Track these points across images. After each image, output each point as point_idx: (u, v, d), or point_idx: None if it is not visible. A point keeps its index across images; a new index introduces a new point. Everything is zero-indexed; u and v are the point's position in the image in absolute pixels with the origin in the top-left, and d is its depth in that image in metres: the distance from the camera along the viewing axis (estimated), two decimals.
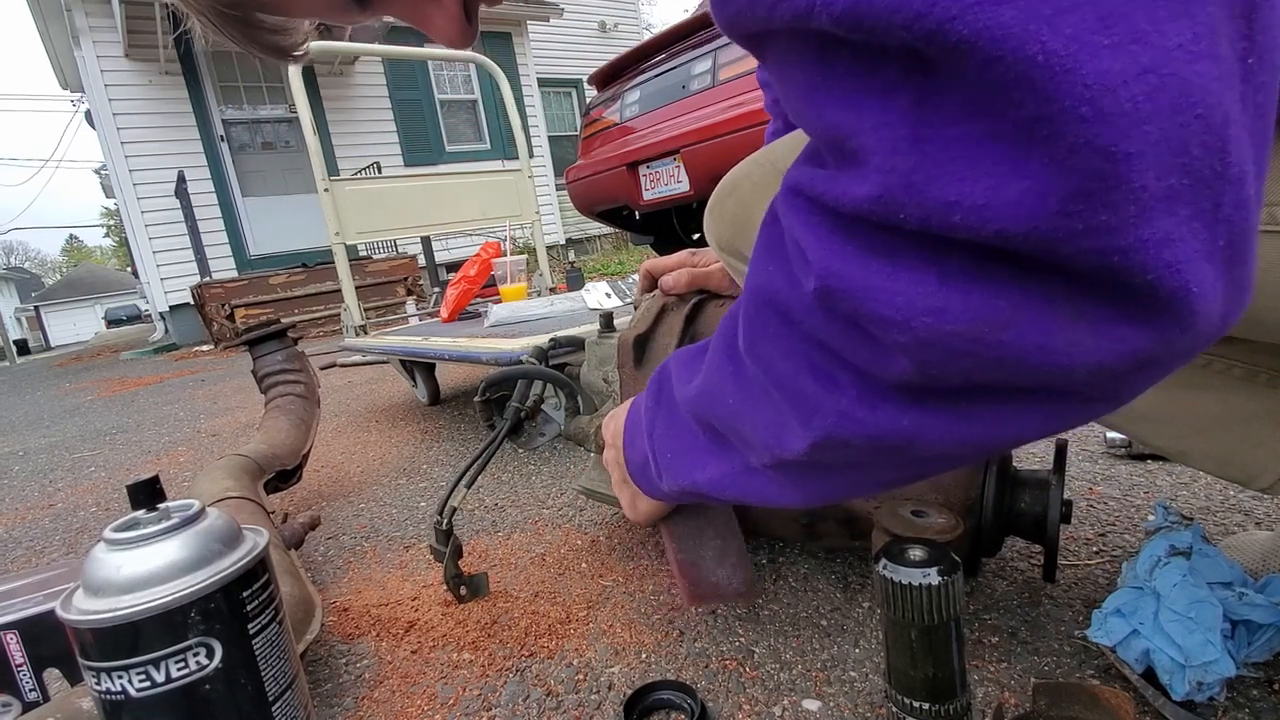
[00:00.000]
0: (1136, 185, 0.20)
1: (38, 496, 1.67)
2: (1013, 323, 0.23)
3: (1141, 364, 0.23)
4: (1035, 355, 0.23)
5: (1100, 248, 0.21)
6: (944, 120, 0.21)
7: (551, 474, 1.23)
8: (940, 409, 0.27)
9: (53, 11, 6.09)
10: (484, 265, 2.00)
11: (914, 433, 0.28)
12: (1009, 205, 0.21)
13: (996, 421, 0.27)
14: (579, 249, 8.90)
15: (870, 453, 0.31)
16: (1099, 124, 0.19)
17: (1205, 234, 0.21)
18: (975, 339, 0.24)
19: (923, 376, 0.26)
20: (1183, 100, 0.19)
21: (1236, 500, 0.81)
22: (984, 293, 0.23)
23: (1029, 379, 0.25)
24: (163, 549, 0.43)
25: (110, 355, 7.18)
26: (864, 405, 0.29)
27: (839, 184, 0.24)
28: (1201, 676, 0.46)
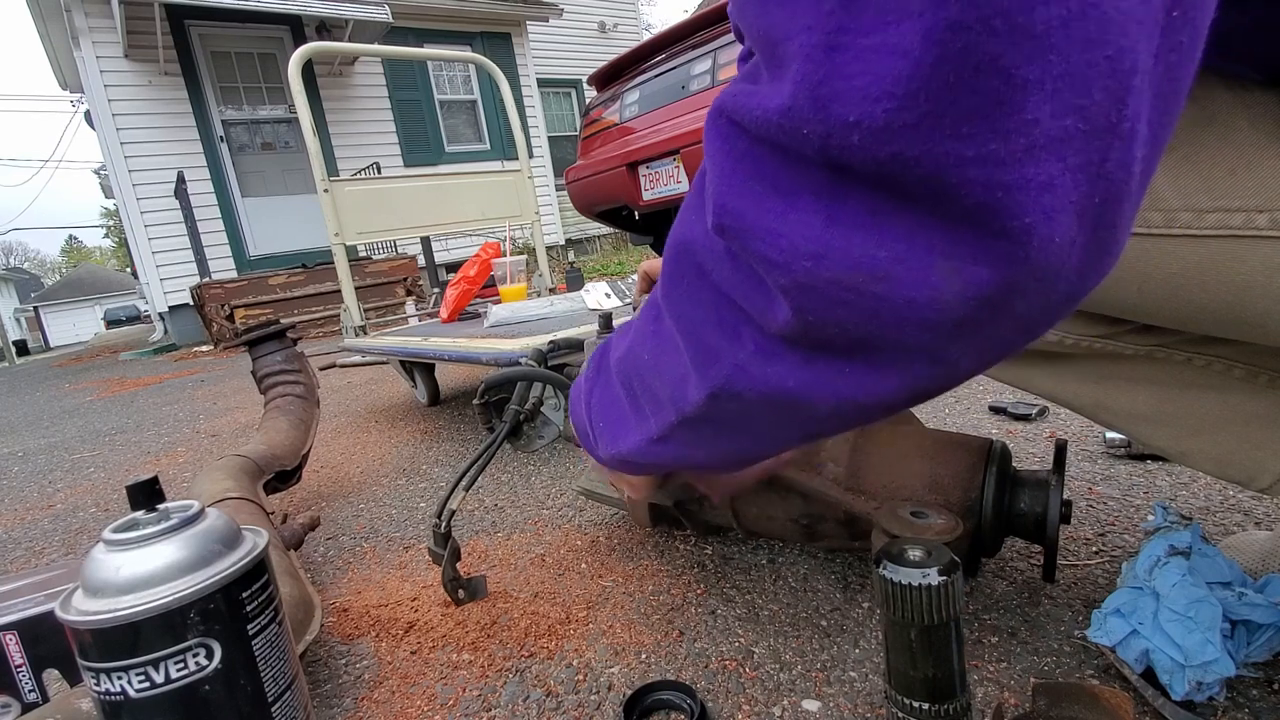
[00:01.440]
0: (1030, 118, 0.19)
1: (37, 497, 1.67)
2: (888, 275, 0.23)
3: (993, 311, 0.23)
4: (904, 308, 0.23)
5: (986, 180, 0.20)
6: (861, 28, 0.19)
7: (551, 475, 1.23)
8: (824, 366, 0.28)
9: (52, 12, 6.08)
10: (484, 266, 2.00)
11: (801, 389, 0.29)
12: (908, 127, 0.20)
13: (871, 379, 0.27)
14: (579, 249, 8.90)
15: (763, 407, 0.31)
16: (1007, 41, 0.18)
17: (1085, 187, 0.20)
18: (851, 287, 0.23)
19: (802, 324, 0.26)
20: (1098, 36, 0.18)
21: (1236, 500, 0.81)
22: (866, 238, 0.23)
23: (896, 332, 0.24)
24: (162, 550, 0.43)
25: (110, 356, 7.17)
26: (759, 359, 0.29)
27: (758, 96, 0.23)
28: (1201, 676, 0.46)
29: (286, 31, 6.61)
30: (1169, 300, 0.41)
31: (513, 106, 2.46)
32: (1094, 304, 0.46)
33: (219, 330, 5.34)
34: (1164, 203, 0.38)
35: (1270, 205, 0.35)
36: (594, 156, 3.21)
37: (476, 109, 7.98)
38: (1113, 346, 0.49)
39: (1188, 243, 0.38)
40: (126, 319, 22.50)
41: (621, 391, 0.44)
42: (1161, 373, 0.49)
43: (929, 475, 0.62)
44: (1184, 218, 0.38)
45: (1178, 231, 0.38)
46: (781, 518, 0.71)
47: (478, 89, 7.90)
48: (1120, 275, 0.42)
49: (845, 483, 0.65)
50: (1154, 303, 0.42)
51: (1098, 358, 0.51)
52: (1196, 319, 0.42)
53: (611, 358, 0.46)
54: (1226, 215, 0.36)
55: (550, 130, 8.88)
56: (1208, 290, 0.39)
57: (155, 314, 6.93)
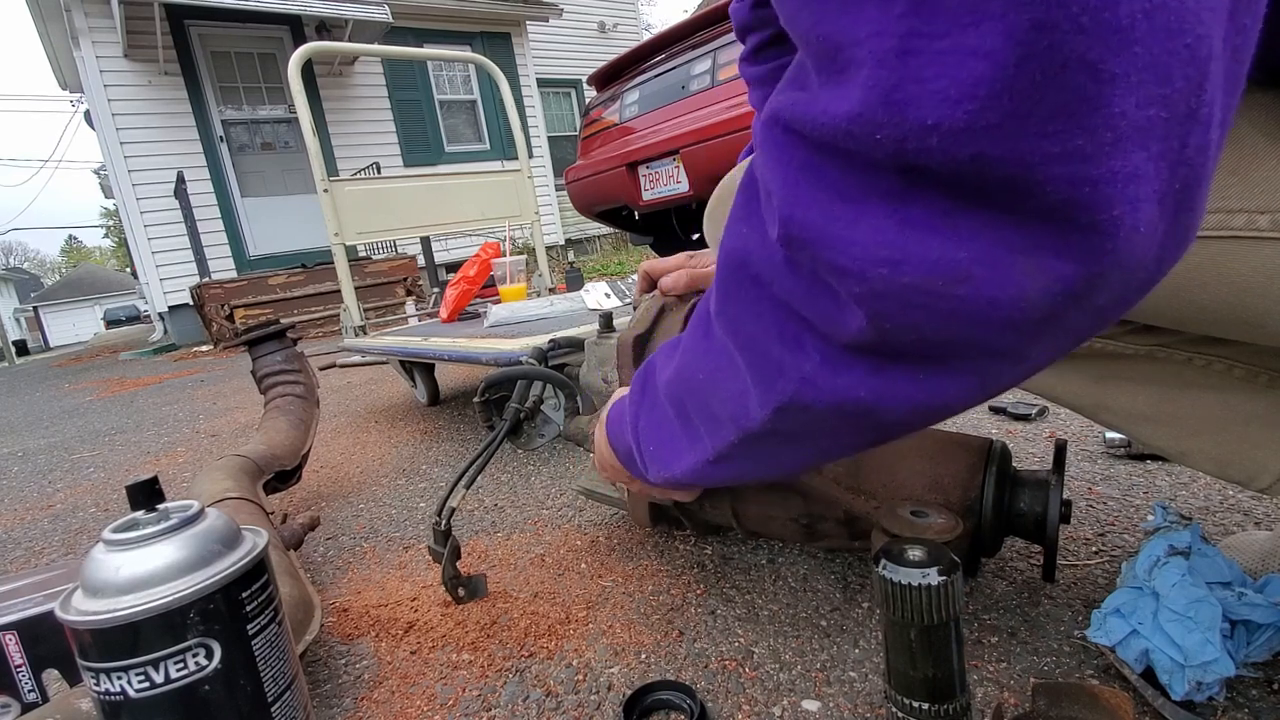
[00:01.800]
0: (1116, 111, 0.19)
1: (36, 497, 1.67)
2: (969, 276, 0.23)
3: (1076, 305, 0.23)
4: (987, 309, 0.23)
5: (1072, 176, 0.20)
6: (935, 32, 0.19)
7: (551, 474, 1.23)
8: (897, 373, 0.27)
9: (52, 12, 6.08)
10: (483, 265, 2.00)
11: (874, 398, 0.28)
12: (991, 128, 0.20)
13: (946, 384, 0.27)
14: (578, 249, 8.90)
15: (831, 418, 0.31)
16: (1092, 37, 0.18)
17: (1166, 174, 0.20)
18: (930, 291, 0.23)
19: (877, 332, 0.25)
20: (1178, 25, 0.18)
21: (1235, 500, 0.81)
22: (944, 241, 0.22)
23: (978, 333, 0.24)
24: (162, 550, 0.43)
25: (109, 356, 7.17)
26: (827, 369, 0.29)
27: (819, 102, 0.23)
28: (1201, 676, 0.46)
29: (286, 31, 6.60)
30: (1169, 300, 0.41)
31: (512, 106, 2.46)
32: None
33: (219, 330, 5.34)
34: None
35: (1271, 206, 0.35)
36: (594, 156, 3.21)
37: (476, 109, 7.98)
38: (1113, 346, 0.49)
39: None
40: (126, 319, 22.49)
41: (672, 413, 0.44)
42: (1162, 373, 0.49)
43: (929, 475, 0.62)
44: None
45: None
46: (781, 517, 0.71)
47: (478, 89, 7.90)
48: None
49: (845, 482, 0.65)
50: (1154, 303, 0.42)
51: (1098, 357, 0.51)
52: (1197, 319, 0.42)
53: (659, 380, 0.46)
54: (1227, 216, 0.36)
55: (550, 130, 8.88)
56: (1208, 290, 0.39)
57: (155, 314, 6.92)
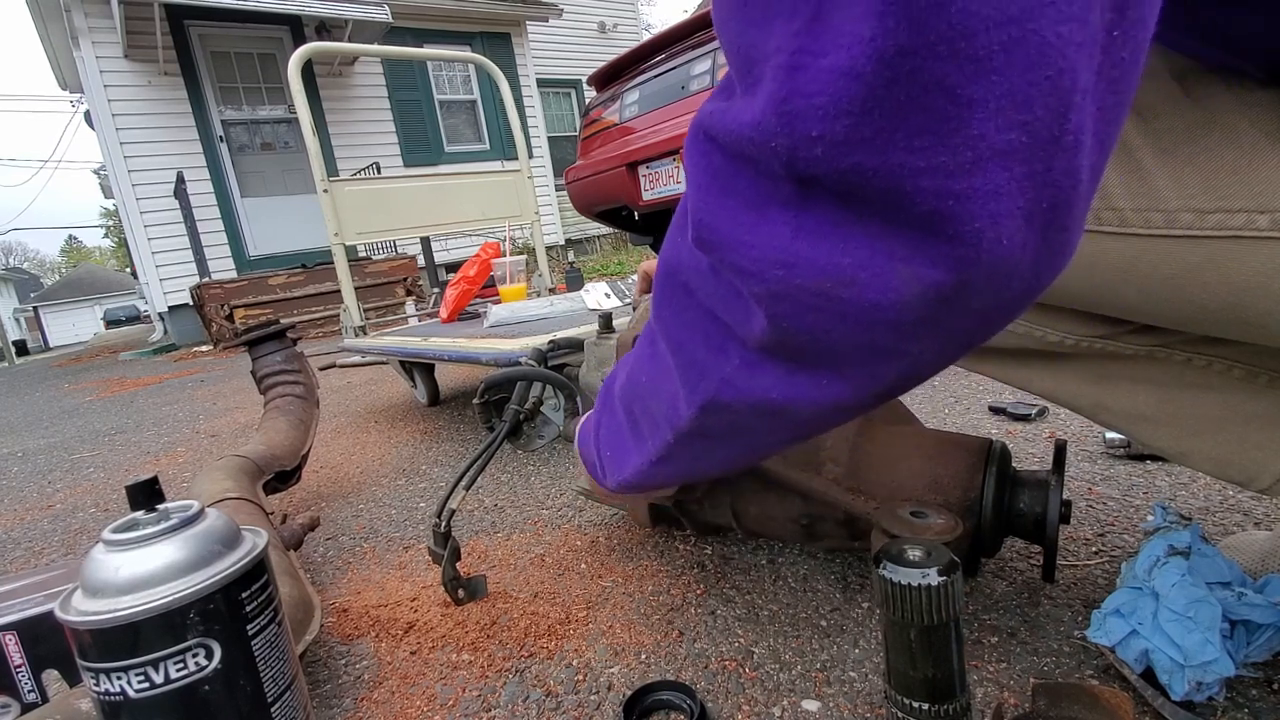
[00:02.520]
0: (975, 133, 0.20)
1: (36, 497, 1.67)
2: (854, 280, 0.24)
3: (950, 309, 0.24)
4: (870, 311, 0.25)
5: (937, 189, 0.21)
6: (819, 49, 0.20)
7: (550, 475, 1.23)
8: (803, 375, 0.29)
9: (52, 12, 6.08)
10: (483, 266, 2.00)
11: (784, 399, 0.30)
12: (865, 141, 0.21)
13: (842, 385, 0.29)
14: (578, 249, 8.90)
15: (750, 417, 0.33)
16: (951, 65, 0.19)
17: (1031, 194, 0.21)
18: (820, 293, 0.25)
19: (777, 332, 0.27)
20: (1037, 59, 0.19)
21: (1235, 500, 0.81)
22: (832, 247, 0.24)
23: (863, 334, 0.26)
24: (162, 550, 0.43)
25: (109, 356, 7.17)
26: (744, 371, 0.31)
27: (731, 112, 0.25)
28: (1200, 676, 0.46)
29: (286, 31, 6.60)
30: (1169, 300, 0.41)
31: (512, 107, 2.46)
32: (1094, 304, 0.46)
33: (219, 330, 5.34)
34: (1165, 203, 0.38)
35: (1271, 206, 0.35)
36: (594, 156, 3.21)
37: (476, 109, 7.98)
38: (1113, 347, 0.49)
39: (1189, 243, 0.38)
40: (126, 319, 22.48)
41: (624, 419, 0.46)
42: (1161, 373, 0.49)
43: (929, 475, 0.62)
44: (1185, 218, 0.38)
45: (1179, 232, 0.38)
46: (781, 518, 0.71)
47: (477, 89, 7.90)
48: (1121, 275, 0.42)
49: (845, 483, 0.65)
50: (1154, 303, 0.42)
51: (1098, 358, 0.51)
52: (1197, 319, 0.42)
53: (615, 388, 0.48)
54: (1228, 216, 0.36)
55: (550, 130, 8.88)
56: (1208, 290, 0.39)
57: (155, 314, 6.92)
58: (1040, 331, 0.51)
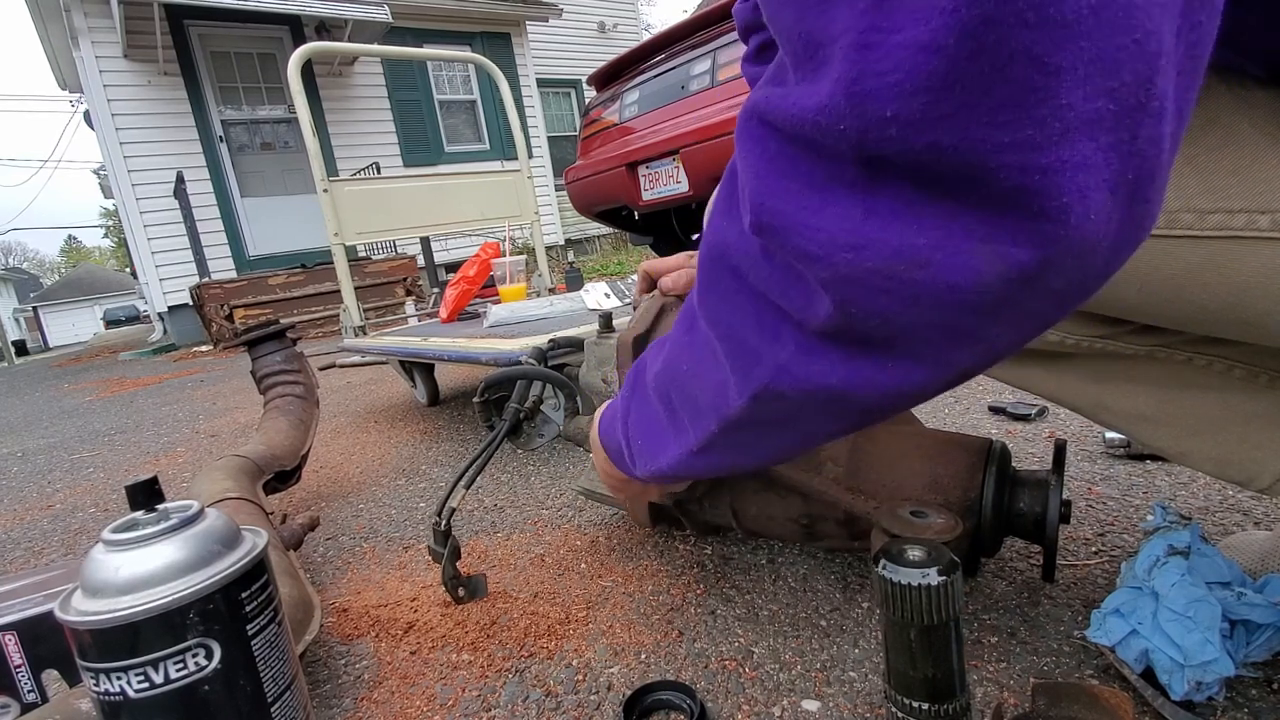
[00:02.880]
0: (1064, 102, 0.20)
1: (36, 497, 1.67)
2: (929, 262, 0.23)
3: (1032, 289, 0.24)
4: (946, 293, 0.24)
5: (1022, 164, 0.20)
6: (892, 26, 0.20)
7: (551, 475, 1.23)
8: (866, 360, 0.28)
9: (51, 12, 6.08)
10: (483, 266, 2.00)
11: (844, 385, 0.29)
12: (945, 118, 0.20)
13: (911, 369, 0.28)
14: (578, 249, 8.89)
15: (805, 405, 0.32)
16: (1038, 32, 0.18)
17: (1117, 164, 0.21)
18: (892, 275, 0.24)
19: (844, 317, 0.26)
20: (1125, 21, 0.19)
21: (1235, 500, 0.81)
22: (905, 227, 0.23)
23: (938, 316, 0.25)
24: (161, 550, 0.43)
25: (109, 356, 7.17)
26: (801, 357, 0.30)
27: (792, 97, 0.24)
28: (1200, 676, 0.46)
29: (286, 31, 6.60)
30: (1170, 300, 0.41)
31: (512, 107, 2.46)
32: (1094, 304, 0.46)
33: (218, 330, 5.34)
34: (1165, 203, 0.38)
35: (1271, 206, 0.35)
36: (594, 156, 3.21)
37: (476, 109, 7.98)
38: (1113, 347, 0.49)
39: (1189, 243, 0.38)
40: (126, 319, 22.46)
41: (660, 407, 0.45)
42: (1162, 373, 0.49)
43: (929, 475, 0.62)
44: (1185, 219, 0.38)
45: (1179, 232, 0.38)
46: (781, 518, 0.71)
47: (477, 89, 7.90)
48: (1121, 275, 0.42)
49: (845, 483, 0.65)
50: (1155, 303, 0.42)
51: (1098, 358, 0.51)
52: (1197, 319, 0.42)
53: (648, 375, 0.47)
54: (1228, 216, 0.36)
55: (550, 130, 8.88)
56: (1208, 290, 0.39)
57: (154, 314, 6.92)
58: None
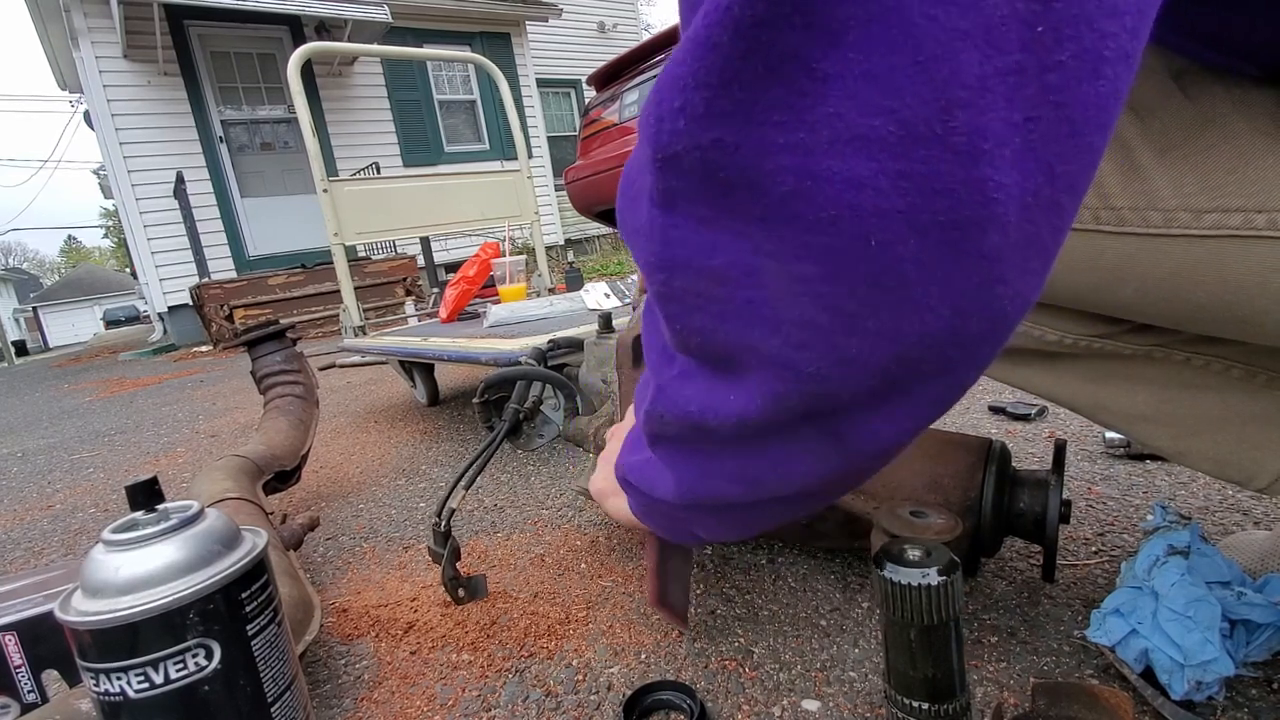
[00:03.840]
0: (832, 110, 0.20)
1: (36, 498, 1.67)
2: (727, 277, 0.24)
3: (834, 303, 0.24)
4: (747, 309, 0.24)
5: (797, 167, 0.21)
6: (686, 22, 0.21)
7: (550, 475, 1.23)
8: (719, 381, 0.28)
9: (51, 12, 6.08)
10: (483, 266, 2.00)
11: (700, 410, 0.29)
12: (726, 114, 0.21)
13: (741, 392, 0.28)
14: (578, 249, 8.89)
15: (681, 429, 0.32)
16: (807, 33, 0.19)
17: (915, 198, 0.20)
18: (700, 293, 0.25)
19: (675, 333, 0.27)
20: (902, 40, 0.18)
21: (1235, 500, 0.81)
22: (701, 244, 0.24)
23: (747, 335, 0.25)
24: (161, 550, 0.43)
25: (109, 356, 7.17)
26: (677, 381, 0.31)
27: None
28: (1200, 676, 0.46)
29: (286, 31, 6.60)
30: (1167, 300, 0.41)
31: (512, 107, 2.46)
32: (1092, 304, 0.46)
33: (218, 330, 5.34)
34: (1162, 202, 0.39)
35: (1268, 205, 0.35)
36: (593, 156, 3.21)
37: (476, 109, 7.98)
38: (1111, 346, 0.49)
39: (1185, 242, 0.38)
40: (126, 319, 22.44)
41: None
42: (1160, 373, 0.49)
43: (928, 475, 0.62)
44: (1182, 217, 0.38)
45: (1176, 231, 0.38)
46: None
47: (477, 89, 7.90)
48: (1119, 274, 0.42)
49: None
50: (1152, 302, 0.42)
51: (1096, 358, 0.51)
52: (1194, 318, 0.42)
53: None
54: (1224, 215, 0.37)
55: (550, 130, 8.88)
56: (1205, 290, 0.39)
57: (154, 314, 6.92)
58: (1039, 331, 0.51)
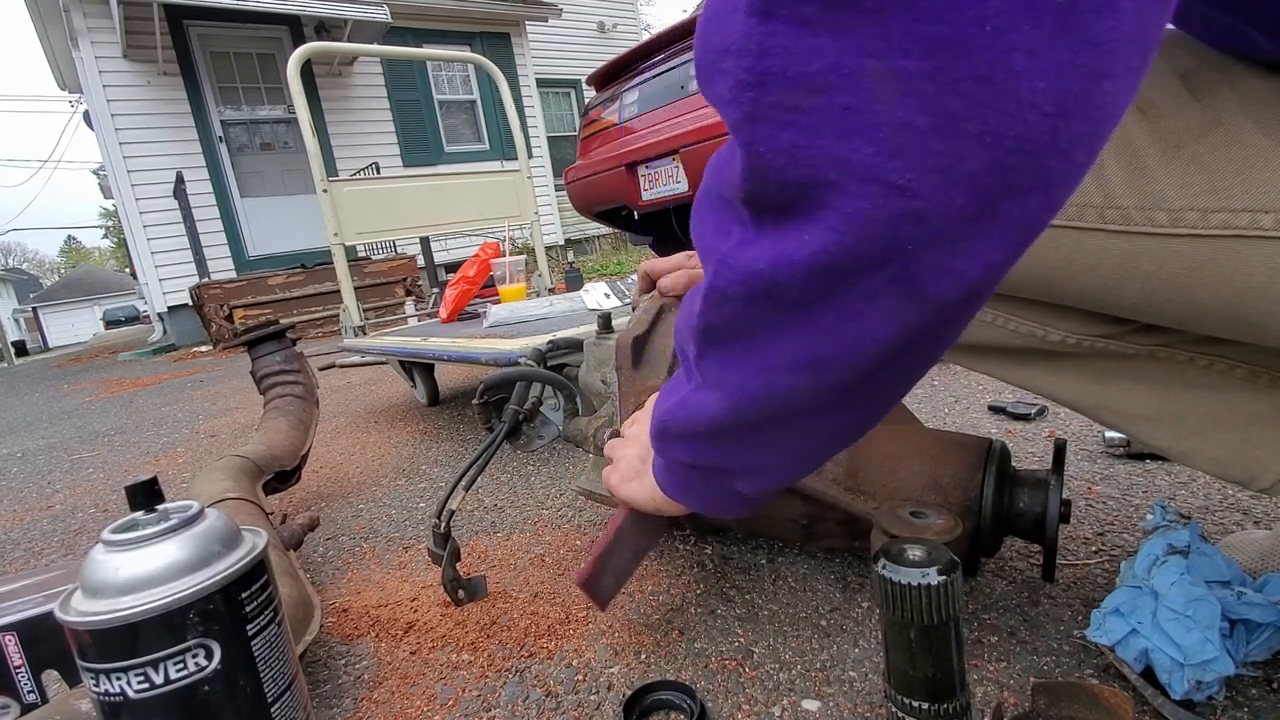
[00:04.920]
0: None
1: (36, 498, 1.67)
2: (828, 85, 0.23)
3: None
4: (844, 118, 0.23)
5: None
6: None
7: (550, 475, 1.23)
8: (787, 229, 0.27)
9: (51, 12, 6.08)
10: (483, 266, 2.00)
11: (771, 266, 0.28)
12: None
13: (817, 231, 0.26)
14: (578, 249, 8.89)
15: (745, 303, 0.30)
16: None
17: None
18: (794, 107, 0.24)
19: (754, 165, 0.26)
20: None
21: (1235, 499, 0.81)
22: (803, 46, 0.23)
23: (839, 148, 0.24)
24: (161, 550, 0.43)
25: (109, 356, 7.17)
26: (739, 248, 0.29)
27: None
28: (1200, 675, 0.46)
29: (285, 32, 6.60)
30: (1172, 300, 0.41)
31: (512, 107, 2.46)
32: (1097, 303, 0.46)
33: (218, 330, 5.34)
34: (1169, 202, 0.38)
35: (1275, 206, 0.35)
36: (593, 156, 3.21)
37: (476, 109, 7.98)
38: (1115, 346, 0.49)
39: (1192, 242, 0.38)
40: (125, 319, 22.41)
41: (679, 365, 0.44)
42: (1164, 373, 0.49)
43: (928, 475, 0.62)
44: (1190, 217, 0.38)
45: (1182, 231, 0.38)
46: (781, 518, 0.71)
47: (477, 89, 7.90)
48: (1124, 274, 0.42)
49: (844, 483, 0.65)
50: (1157, 302, 0.42)
51: (1100, 357, 0.51)
52: (1199, 319, 0.42)
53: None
54: (1231, 215, 0.37)
55: (549, 130, 8.88)
56: (1210, 290, 0.39)
57: (154, 314, 6.91)
58: (1043, 331, 0.51)
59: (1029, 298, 0.50)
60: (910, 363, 0.31)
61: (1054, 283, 0.46)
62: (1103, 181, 0.40)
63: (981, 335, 0.54)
